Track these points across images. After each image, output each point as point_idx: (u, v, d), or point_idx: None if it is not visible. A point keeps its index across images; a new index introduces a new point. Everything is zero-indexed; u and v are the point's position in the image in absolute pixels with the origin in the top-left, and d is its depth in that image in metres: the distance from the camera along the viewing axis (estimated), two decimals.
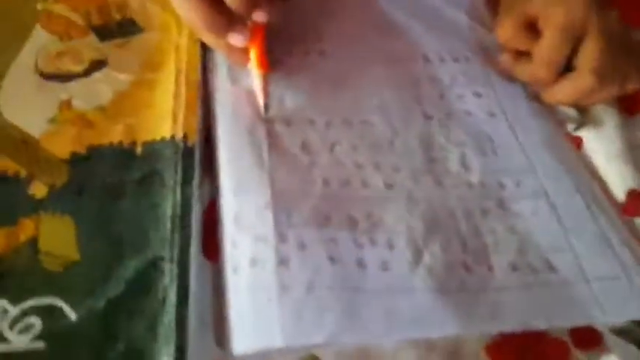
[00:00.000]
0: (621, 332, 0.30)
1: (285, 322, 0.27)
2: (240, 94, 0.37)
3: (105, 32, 0.40)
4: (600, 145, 0.38)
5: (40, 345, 0.26)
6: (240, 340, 0.27)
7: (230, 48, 0.35)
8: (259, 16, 0.34)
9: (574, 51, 0.36)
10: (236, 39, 0.34)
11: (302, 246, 0.30)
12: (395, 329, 0.28)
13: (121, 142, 0.34)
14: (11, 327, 0.26)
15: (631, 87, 0.36)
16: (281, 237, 0.30)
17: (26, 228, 0.30)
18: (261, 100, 0.35)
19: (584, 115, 0.39)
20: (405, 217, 0.32)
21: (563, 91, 0.36)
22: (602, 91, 0.36)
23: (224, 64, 0.39)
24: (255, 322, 0.27)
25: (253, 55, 0.35)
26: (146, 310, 0.28)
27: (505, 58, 0.40)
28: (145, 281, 0.29)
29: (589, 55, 0.35)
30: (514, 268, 0.31)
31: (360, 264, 0.30)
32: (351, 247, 0.31)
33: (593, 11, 0.35)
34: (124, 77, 0.37)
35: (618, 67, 0.35)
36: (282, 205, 0.31)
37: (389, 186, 0.34)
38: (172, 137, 0.34)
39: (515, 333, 0.29)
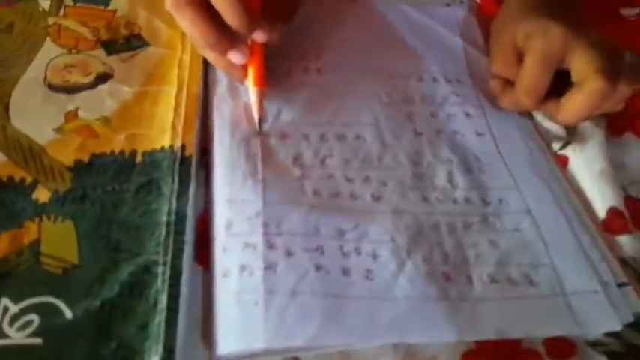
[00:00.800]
0: (595, 344, 0.31)
1: (268, 324, 0.28)
2: (238, 108, 0.39)
3: (112, 47, 0.42)
4: (584, 163, 0.39)
5: (37, 341, 0.28)
6: (225, 341, 0.28)
7: (229, 65, 0.37)
8: (259, 37, 0.36)
9: (561, 79, 0.37)
10: (235, 57, 0.36)
11: (289, 253, 0.31)
12: (374, 334, 0.29)
13: (122, 152, 0.36)
14: (11, 323, 0.28)
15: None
16: (269, 244, 0.31)
17: (30, 231, 0.32)
18: (256, 116, 0.37)
19: (571, 135, 0.41)
20: (391, 229, 0.34)
21: (578, 105, 0.36)
22: (615, 90, 0.35)
23: (224, 79, 0.41)
24: (240, 324, 0.28)
25: (251, 72, 0.37)
26: (138, 312, 0.29)
27: (493, 85, 0.42)
28: (138, 284, 0.30)
29: (585, 61, 0.35)
30: (493, 280, 0.32)
31: (345, 272, 0.31)
32: (337, 256, 0.32)
33: (573, 37, 0.36)
34: (128, 89, 0.39)
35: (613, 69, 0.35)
36: (272, 215, 0.33)
37: (376, 199, 0.35)
38: (171, 147, 0.36)
39: (491, 342, 0.30)
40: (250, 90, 0.38)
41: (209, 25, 0.34)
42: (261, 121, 0.37)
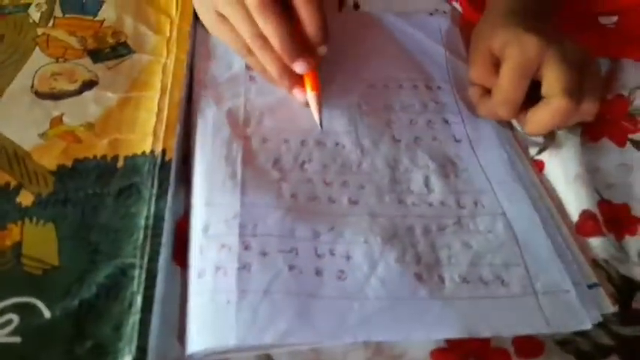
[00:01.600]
0: (563, 343, 0.31)
1: (240, 323, 0.29)
2: (221, 113, 0.40)
3: (99, 55, 0.43)
4: (560, 168, 0.39)
5: (16, 339, 0.29)
6: (197, 339, 0.29)
7: (282, 71, 0.39)
8: (323, 50, 0.39)
9: (533, 86, 0.38)
10: (301, 67, 0.38)
11: (264, 254, 0.32)
12: (343, 332, 0.30)
13: (104, 156, 0.37)
14: None
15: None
16: (245, 245, 0.32)
17: (12, 233, 0.33)
18: (317, 117, 0.39)
19: (548, 141, 0.41)
20: (365, 231, 0.34)
21: (543, 120, 0.38)
22: (580, 108, 0.37)
23: (209, 84, 0.42)
24: (213, 323, 0.29)
25: (309, 79, 0.39)
26: (114, 313, 0.30)
27: (472, 93, 0.42)
28: (115, 286, 0.31)
29: (555, 77, 0.37)
30: (464, 280, 0.33)
31: (318, 272, 0.32)
32: (311, 257, 0.33)
33: (547, 47, 0.37)
34: (112, 96, 0.40)
35: (581, 85, 0.37)
36: (249, 216, 0.34)
37: (353, 202, 0.36)
38: (152, 152, 0.37)
39: (461, 340, 0.30)
40: (309, 95, 0.39)
41: (288, 31, 0.37)
42: (322, 121, 0.39)
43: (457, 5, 0.52)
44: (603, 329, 0.32)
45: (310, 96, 0.39)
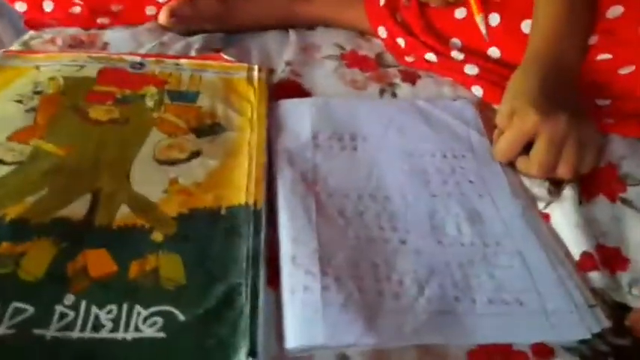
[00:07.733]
0: (569, 349, 0.40)
1: (326, 327, 0.39)
2: (295, 174, 0.52)
3: (200, 132, 0.56)
4: (564, 219, 0.50)
5: (161, 335, 0.39)
6: (294, 338, 0.39)
7: None
8: None
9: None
10: None
11: (338, 279, 0.43)
12: (401, 337, 0.39)
13: (211, 207, 0.49)
14: (144, 322, 0.40)
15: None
16: (324, 272, 0.43)
17: (150, 261, 0.44)
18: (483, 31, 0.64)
19: (553, 197, 0.52)
20: (414, 265, 0.45)
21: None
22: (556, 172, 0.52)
23: (286, 152, 0.54)
24: (304, 326, 0.39)
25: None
26: (230, 318, 0.40)
27: (495, 134, 0.57)
28: (229, 299, 0.41)
29: (535, 151, 0.51)
30: (491, 301, 0.43)
31: (379, 294, 0.42)
32: (372, 283, 0.43)
33: (573, 126, 0.50)
34: (213, 162, 0.53)
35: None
36: (325, 252, 0.44)
37: (402, 242, 0.47)
38: (246, 203, 0.49)
39: (489, 345, 0.40)
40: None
41: None
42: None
43: (476, 91, 0.65)
44: (601, 339, 0.41)
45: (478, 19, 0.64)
